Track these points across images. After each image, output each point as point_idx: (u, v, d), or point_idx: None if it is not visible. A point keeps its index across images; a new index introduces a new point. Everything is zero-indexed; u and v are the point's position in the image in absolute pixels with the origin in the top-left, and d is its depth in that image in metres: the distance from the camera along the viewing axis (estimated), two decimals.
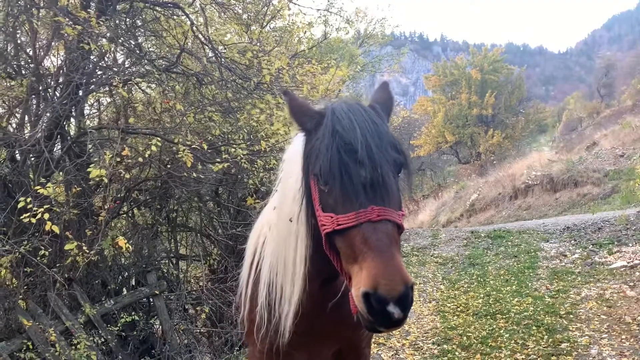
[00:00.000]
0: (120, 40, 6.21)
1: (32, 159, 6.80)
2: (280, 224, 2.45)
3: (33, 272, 6.53)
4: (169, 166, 6.65)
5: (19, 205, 4.94)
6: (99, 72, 7.26)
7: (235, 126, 6.91)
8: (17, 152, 6.43)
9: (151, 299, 7.74)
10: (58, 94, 6.77)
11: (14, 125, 7.40)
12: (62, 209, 6.81)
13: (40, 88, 6.84)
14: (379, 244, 1.81)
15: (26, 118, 7.13)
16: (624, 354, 5.59)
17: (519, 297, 8.04)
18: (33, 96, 6.92)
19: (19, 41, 6.82)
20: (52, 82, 7.07)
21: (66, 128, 7.26)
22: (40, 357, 5.95)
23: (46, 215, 4.81)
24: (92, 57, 7.06)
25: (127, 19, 7.06)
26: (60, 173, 6.20)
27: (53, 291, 6.32)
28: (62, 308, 6.42)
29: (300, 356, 2.75)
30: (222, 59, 6.50)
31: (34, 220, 4.82)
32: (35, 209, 4.80)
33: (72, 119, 7.55)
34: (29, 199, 4.88)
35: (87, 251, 5.28)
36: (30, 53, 7.10)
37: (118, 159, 5.62)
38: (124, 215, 8.39)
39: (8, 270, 6.62)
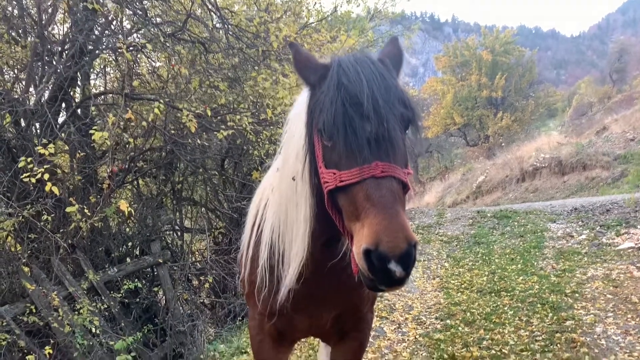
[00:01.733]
0: (125, 3, 6.08)
1: (37, 124, 6.76)
2: (283, 185, 2.38)
3: (37, 238, 6.53)
4: (173, 131, 6.57)
5: (19, 165, 4.89)
6: (105, 39, 7.17)
7: (241, 95, 6.81)
8: (20, 116, 6.36)
9: (155, 269, 7.73)
10: (63, 60, 6.68)
11: (19, 91, 7.35)
12: (67, 175, 6.80)
13: (45, 53, 6.75)
14: (383, 201, 1.73)
15: (31, 87, 7.07)
16: (629, 333, 5.54)
17: (524, 275, 7.99)
18: (39, 63, 6.84)
19: (23, 2, 6.70)
20: (57, 48, 6.98)
21: (71, 94, 7.19)
22: (43, 321, 5.95)
23: (46, 176, 4.75)
24: (98, 23, 6.97)
25: None
26: (64, 135, 6.12)
27: (56, 257, 6.31)
28: (65, 274, 6.42)
29: (301, 319, 2.71)
30: (229, 26, 6.37)
31: (33, 180, 4.77)
32: (35, 169, 4.75)
33: (77, 87, 7.49)
34: (29, 159, 4.82)
35: (89, 214, 5.23)
36: (35, 17, 7.01)
37: (122, 124, 5.54)
38: (129, 185, 8.36)
39: (12, 236, 6.63)
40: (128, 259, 7.32)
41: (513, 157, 24.73)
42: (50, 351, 5.63)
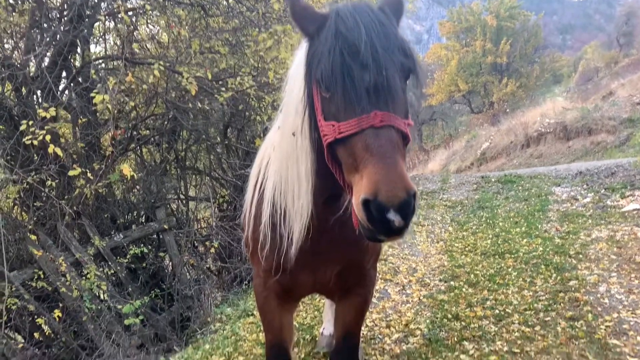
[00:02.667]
0: None
1: (38, 91, 6.72)
2: (284, 141, 2.36)
3: (42, 206, 6.58)
4: (174, 94, 6.52)
5: (21, 129, 4.88)
6: (104, 4, 7.06)
7: (242, 60, 6.73)
8: (21, 83, 6.32)
9: (160, 235, 7.80)
10: (62, 25, 6.60)
11: (19, 60, 7.29)
12: (70, 143, 6.79)
13: (43, 19, 6.67)
14: (381, 150, 1.71)
15: (31, 54, 7.01)
16: (632, 291, 5.57)
17: (528, 238, 8.01)
18: (37, 29, 6.76)
19: None
20: (55, 13, 6.89)
21: (71, 61, 7.13)
22: (51, 286, 6.03)
23: (48, 137, 4.75)
24: None
25: None
26: (65, 99, 6.09)
27: (62, 223, 6.35)
28: (71, 240, 6.48)
29: (304, 276, 2.72)
30: None
31: (35, 143, 4.76)
32: (37, 131, 4.74)
33: (77, 54, 7.42)
34: (30, 122, 4.81)
35: (92, 178, 5.24)
36: None
37: (124, 88, 5.50)
38: (132, 153, 8.36)
39: (17, 204, 6.68)
40: (134, 227, 7.38)
41: (518, 123, 24.56)
42: (60, 314, 5.71)
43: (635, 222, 7.92)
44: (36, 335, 5.54)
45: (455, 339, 4.79)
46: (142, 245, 7.24)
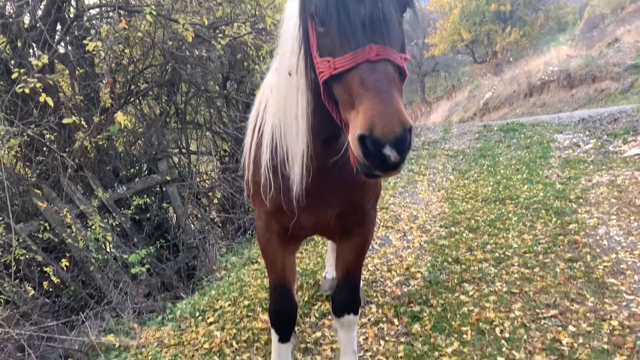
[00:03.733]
0: None
1: (34, 44, 6.62)
2: (281, 82, 2.34)
3: (44, 160, 6.60)
4: (171, 44, 6.42)
5: (13, 76, 4.84)
6: None
7: (238, 7, 6.58)
8: (16, 35, 6.22)
9: (163, 187, 7.84)
10: None
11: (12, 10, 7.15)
12: (68, 96, 6.75)
13: None
14: (377, 85, 1.69)
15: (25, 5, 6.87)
16: (631, 233, 5.63)
17: (529, 184, 8.04)
18: None
19: None
20: None
21: (65, 13, 7.00)
22: (57, 237, 6.12)
23: (39, 85, 4.72)
24: None
25: None
26: (61, 49, 6.01)
27: (65, 176, 6.38)
28: (75, 192, 6.53)
29: (305, 216, 2.74)
30: None
31: (27, 91, 4.73)
32: (29, 79, 4.70)
33: (71, 7, 7.26)
34: (22, 70, 4.77)
35: (87, 128, 5.22)
36: None
37: (117, 35, 5.41)
38: (131, 106, 8.30)
39: (20, 159, 6.69)
40: (137, 180, 7.41)
41: (521, 72, 24.20)
42: (67, 264, 5.82)
43: (636, 167, 7.93)
44: (45, 284, 5.66)
45: (455, 281, 4.89)
46: (145, 196, 7.29)
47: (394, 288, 4.88)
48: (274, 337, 3.13)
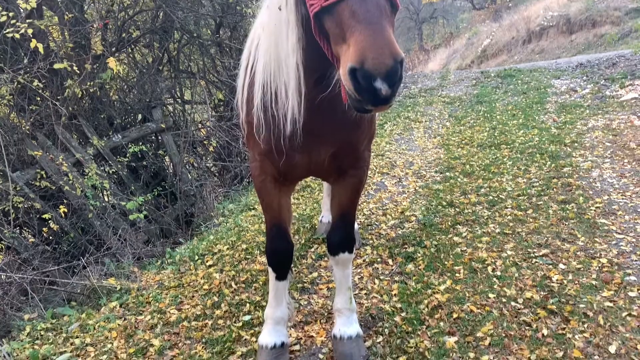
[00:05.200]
0: None
1: None
2: (272, 18, 2.29)
3: (38, 108, 6.54)
4: None
5: (1, 20, 4.74)
6: None
7: None
8: None
9: (159, 136, 7.82)
10: None
11: None
12: (59, 43, 6.63)
13: None
14: (368, 16, 1.66)
15: None
16: (624, 175, 5.69)
17: (524, 129, 8.04)
18: None
19: None
20: None
21: None
22: (55, 185, 6.14)
23: (29, 30, 4.63)
24: None
25: None
26: None
27: (59, 124, 6.35)
28: (70, 140, 6.51)
29: (299, 157, 2.74)
30: None
31: (17, 36, 4.65)
32: (18, 24, 4.61)
33: None
34: (11, 13, 4.67)
35: (77, 71, 5.15)
36: None
37: None
38: (123, 54, 8.17)
39: (13, 108, 6.63)
40: (132, 128, 7.38)
41: (520, 18, 23.75)
42: (65, 210, 5.87)
43: (632, 111, 7.93)
44: (45, 231, 5.73)
45: (449, 223, 4.97)
46: (140, 144, 7.28)
47: (388, 231, 4.96)
48: (271, 275, 3.19)
